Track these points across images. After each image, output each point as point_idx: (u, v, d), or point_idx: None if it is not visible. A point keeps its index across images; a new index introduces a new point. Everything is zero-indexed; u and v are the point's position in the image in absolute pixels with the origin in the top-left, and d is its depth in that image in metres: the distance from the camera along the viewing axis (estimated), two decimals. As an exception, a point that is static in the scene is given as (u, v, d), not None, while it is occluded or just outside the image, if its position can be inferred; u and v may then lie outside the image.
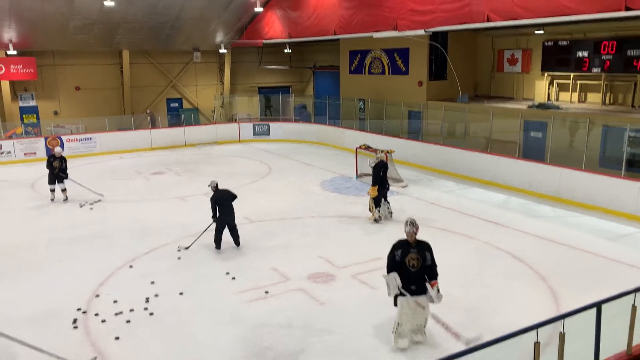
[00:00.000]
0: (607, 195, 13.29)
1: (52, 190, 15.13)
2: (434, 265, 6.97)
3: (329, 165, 19.72)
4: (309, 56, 31.30)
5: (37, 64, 23.87)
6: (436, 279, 6.93)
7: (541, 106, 17.68)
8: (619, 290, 5.15)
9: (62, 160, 15.17)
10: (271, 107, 28.56)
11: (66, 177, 15.12)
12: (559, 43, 18.20)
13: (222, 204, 10.95)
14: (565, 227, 12.40)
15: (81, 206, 14.62)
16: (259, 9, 24.69)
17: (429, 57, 20.98)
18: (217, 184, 11.33)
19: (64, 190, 15.19)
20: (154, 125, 24.88)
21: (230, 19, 25.79)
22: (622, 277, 9.48)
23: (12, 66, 23.15)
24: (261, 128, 25.79)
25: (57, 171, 14.91)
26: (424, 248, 6.94)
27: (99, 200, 15.12)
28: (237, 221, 13.44)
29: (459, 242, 11.44)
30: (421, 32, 17.59)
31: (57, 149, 15.69)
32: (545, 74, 19.20)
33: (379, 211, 12.80)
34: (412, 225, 6.89)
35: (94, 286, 9.37)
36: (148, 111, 25.83)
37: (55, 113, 25.66)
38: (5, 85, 23.62)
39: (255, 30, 26.38)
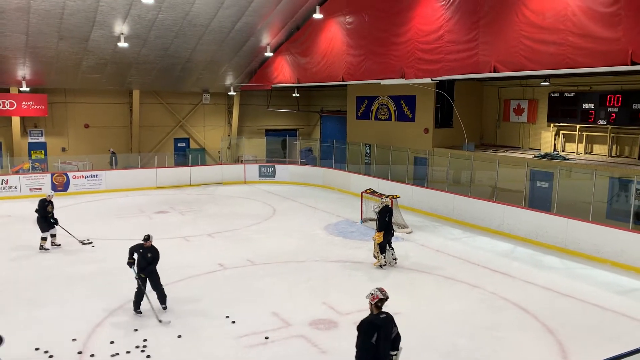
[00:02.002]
0: (615, 247, 13.09)
1: (46, 239, 13.94)
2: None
3: (334, 208, 19.64)
4: (317, 101, 31.75)
5: (48, 101, 24.28)
6: None
7: (547, 156, 17.71)
8: (630, 347, 4.99)
9: (52, 205, 14.13)
10: (286, 149, 28.66)
11: (56, 222, 14.03)
12: (565, 94, 18.40)
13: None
14: (573, 279, 12.17)
15: (83, 244, 14.49)
16: (269, 54, 25.25)
17: (436, 104, 21.21)
18: None
19: (54, 235, 14.14)
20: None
21: (240, 62, 26.31)
22: (632, 333, 9.22)
23: (23, 102, 23.53)
24: (267, 170, 25.88)
25: (51, 216, 13.89)
26: None
27: (90, 242, 14.63)
28: (240, 262, 13.33)
29: (465, 292, 11.21)
30: (428, 80, 17.85)
31: (51, 192, 14.45)
32: (552, 125, 19.32)
33: (384, 257, 12.64)
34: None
35: (91, 326, 9.19)
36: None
37: (63, 149, 25.92)
38: (16, 121, 23.95)
39: (264, 74, 26.87)
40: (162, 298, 9.99)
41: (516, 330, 9.32)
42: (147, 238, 10.06)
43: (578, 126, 18.45)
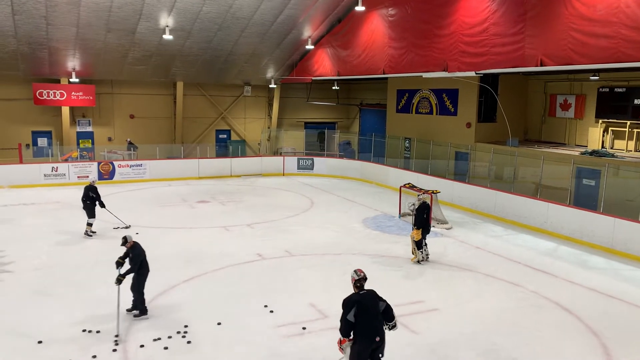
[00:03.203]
0: (666, 249, 12.61)
1: (91, 225, 14.47)
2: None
3: (372, 202, 19.58)
4: (356, 94, 31.62)
5: (96, 91, 25.05)
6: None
7: (595, 153, 17.14)
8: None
9: None
10: (325, 141, 28.66)
11: (103, 205, 14.56)
12: (615, 90, 17.74)
13: (144, 259, 9.36)
14: (620, 280, 11.78)
15: (116, 228, 14.94)
16: (310, 47, 25.29)
17: (479, 98, 20.81)
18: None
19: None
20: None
21: (281, 55, 26.45)
22: (682, 339, 8.87)
23: (73, 93, 24.38)
24: (305, 162, 25.99)
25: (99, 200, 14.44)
26: None
27: (128, 227, 15.14)
28: (278, 253, 13.39)
29: (505, 290, 11.01)
30: (472, 73, 17.52)
31: (94, 178, 15.15)
32: (600, 121, 18.67)
33: (421, 252, 12.54)
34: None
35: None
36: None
37: (110, 139, 26.70)
38: (66, 110, 24.82)
39: (305, 67, 26.93)
40: (135, 303, 9.31)
41: (558, 330, 9.10)
42: (124, 242, 9.34)
43: (628, 122, 17.77)
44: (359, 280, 6.76)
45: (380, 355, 6.47)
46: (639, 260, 13.02)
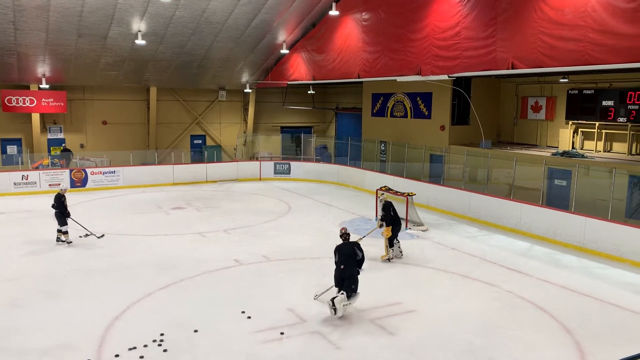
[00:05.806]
0: (635, 247, 12.90)
1: (66, 232, 14.12)
2: None
3: (349, 206, 19.63)
4: (332, 98, 31.73)
5: (67, 97, 24.62)
6: None
7: (566, 154, 17.50)
8: (652, 348, 4.92)
9: (65, 199, 14.25)
10: (302, 146, 28.69)
11: (69, 215, 14.14)
12: (584, 92, 18.15)
13: None
14: (592, 278, 12.03)
15: (87, 236, 14.68)
16: (284, 51, 25.29)
17: (452, 101, 21.07)
18: None
19: (67, 232, 14.20)
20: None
21: (256, 60, 26.40)
22: (652, 334, 9.09)
23: (43, 99, 23.92)
24: (282, 167, 25.94)
25: (66, 210, 14.03)
26: None
27: (103, 236, 14.73)
28: (255, 258, 13.31)
29: (480, 290, 11.14)
30: (445, 77, 17.74)
31: (66, 186, 14.88)
32: (570, 122, 19.08)
33: (392, 250, 12.75)
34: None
35: (109, 319, 9.30)
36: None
37: (82, 146, 26.26)
38: (36, 117, 24.33)
39: (280, 71, 26.92)
40: None
41: (532, 329, 9.24)
42: None
43: (597, 124, 18.20)
44: (341, 235, 10.01)
45: (351, 286, 9.48)
46: (608, 258, 13.32)
